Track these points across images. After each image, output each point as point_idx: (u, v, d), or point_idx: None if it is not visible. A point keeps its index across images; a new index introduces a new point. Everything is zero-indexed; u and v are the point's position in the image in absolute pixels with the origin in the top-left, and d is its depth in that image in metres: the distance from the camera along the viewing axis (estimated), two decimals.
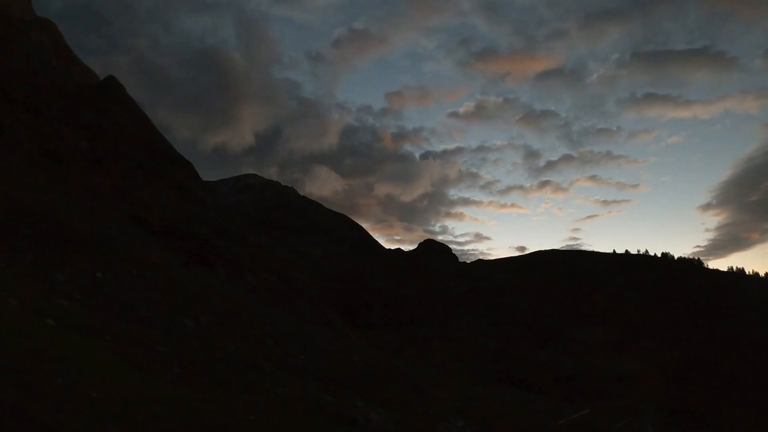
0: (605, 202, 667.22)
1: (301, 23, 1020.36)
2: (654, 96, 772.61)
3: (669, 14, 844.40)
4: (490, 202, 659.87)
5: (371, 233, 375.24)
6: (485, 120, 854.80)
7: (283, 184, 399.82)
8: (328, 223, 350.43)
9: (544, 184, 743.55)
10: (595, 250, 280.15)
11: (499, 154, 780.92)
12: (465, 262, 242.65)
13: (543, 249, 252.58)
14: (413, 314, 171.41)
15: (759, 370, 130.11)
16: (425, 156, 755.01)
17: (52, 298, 31.24)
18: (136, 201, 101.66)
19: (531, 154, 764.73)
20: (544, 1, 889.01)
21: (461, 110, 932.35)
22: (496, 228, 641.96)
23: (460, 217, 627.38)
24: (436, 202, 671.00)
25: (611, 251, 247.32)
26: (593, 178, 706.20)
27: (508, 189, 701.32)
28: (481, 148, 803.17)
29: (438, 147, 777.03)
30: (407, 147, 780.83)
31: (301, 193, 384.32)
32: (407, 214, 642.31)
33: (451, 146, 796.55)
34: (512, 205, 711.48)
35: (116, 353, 23.29)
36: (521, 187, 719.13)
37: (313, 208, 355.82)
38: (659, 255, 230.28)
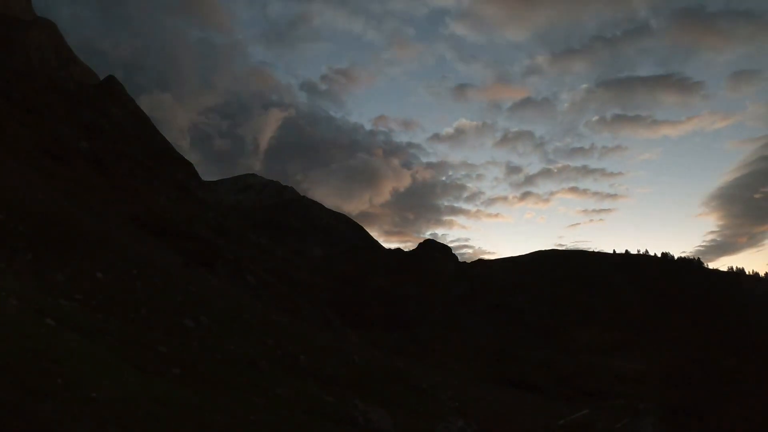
0: (585, 212, 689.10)
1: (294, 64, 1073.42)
2: (624, 117, 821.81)
3: (634, 47, 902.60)
4: (478, 211, 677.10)
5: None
6: (465, 141, 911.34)
7: (283, 183, 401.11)
8: (328, 223, 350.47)
9: (526, 195, 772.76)
10: (595, 250, 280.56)
11: (482, 170, 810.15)
12: (465, 262, 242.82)
13: (543, 249, 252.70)
14: (413, 314, 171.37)
15: (759, 370, 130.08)
16: (412, 168, 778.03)
17: (52, 298, 31.25)
18: (136, 201, 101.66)
19: (512, 170, 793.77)
20: (514, 42, 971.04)
21: (443, 133, 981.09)
22: (484, 234, 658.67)
23: (450, 224, 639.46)
24: (426, 211, 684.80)
25: (611, 251, 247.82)
26: (573, 189, 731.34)
27: (492, 200, 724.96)
28: (464, 164, 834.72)
29: (424, 161, 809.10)
30: (395, 161, 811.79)
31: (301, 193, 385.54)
32: (401, 221, 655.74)
33: (436, 160, 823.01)
34: (497, 215, 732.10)
35: (116, 353, 23.29)
36: (505, 198, 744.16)
37: (313, 208, 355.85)
38: (659, 255, 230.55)
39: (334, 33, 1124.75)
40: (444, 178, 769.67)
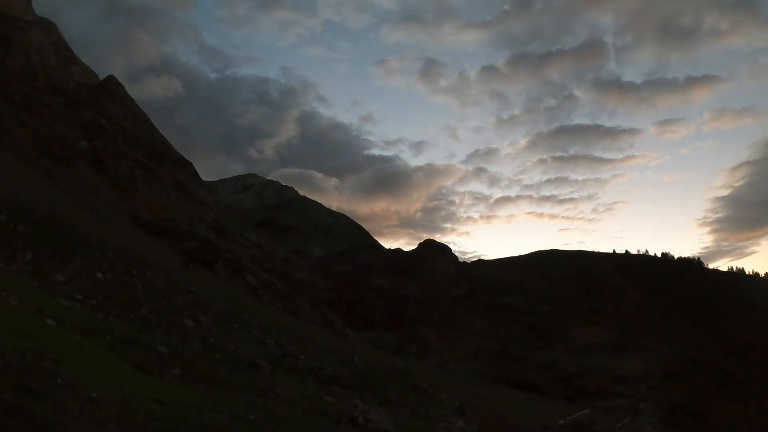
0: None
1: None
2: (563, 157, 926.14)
3: (564, 107, 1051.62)
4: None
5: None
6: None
7: (284, 183, 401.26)
8: (328, 223, 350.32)
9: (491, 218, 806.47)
10: (595, 250, 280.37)
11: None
12: (465, 262, 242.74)
13: (543, 249, 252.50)
14: (413, 314, 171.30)
15: (759, 370, 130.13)
16: None
17: (52, 298, 31.25)
18: (136, 201, 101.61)
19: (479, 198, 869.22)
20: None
21: None
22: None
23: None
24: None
25: (611, 251, 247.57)
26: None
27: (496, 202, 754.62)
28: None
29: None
30: None
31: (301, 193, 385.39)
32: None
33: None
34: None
35: (116, 353, 23.29)
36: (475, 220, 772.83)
37: (313, 208, 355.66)
38: (659, 255, 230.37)
39: None
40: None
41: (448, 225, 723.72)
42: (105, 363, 20.29)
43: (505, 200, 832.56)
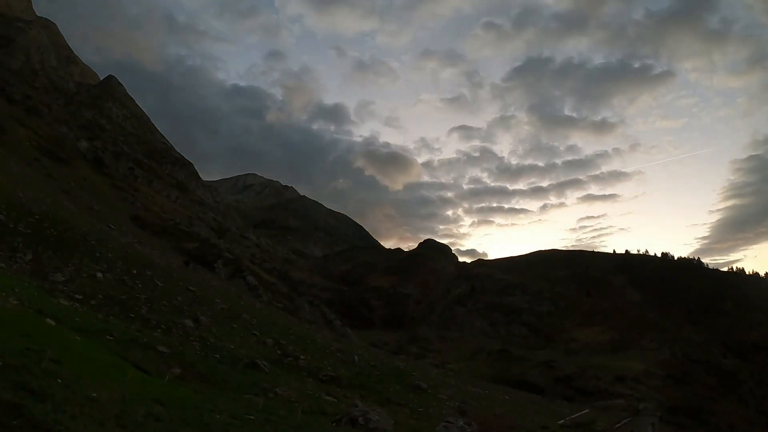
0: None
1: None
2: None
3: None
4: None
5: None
6: None
7: (284, 183, 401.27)
8: (328, 223, 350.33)
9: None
10: (595, 250, 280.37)
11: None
12: (465, 262, 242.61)
13: (543, 249, 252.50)
14: (413, 314, 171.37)
15: (759, 370, 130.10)
16: None
17: (52, 298, 31.27)
18: (136, 201, 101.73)
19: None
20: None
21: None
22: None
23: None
24: None
25: (611, 251, 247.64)
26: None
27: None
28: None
29: None
30: None
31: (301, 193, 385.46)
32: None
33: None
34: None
35: (116, 353, 23.30)
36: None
37: (313, 208, 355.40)
38: (659, 255, 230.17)
39: None
40: None
41: None
42: (105, 363, 20.29)
43: None
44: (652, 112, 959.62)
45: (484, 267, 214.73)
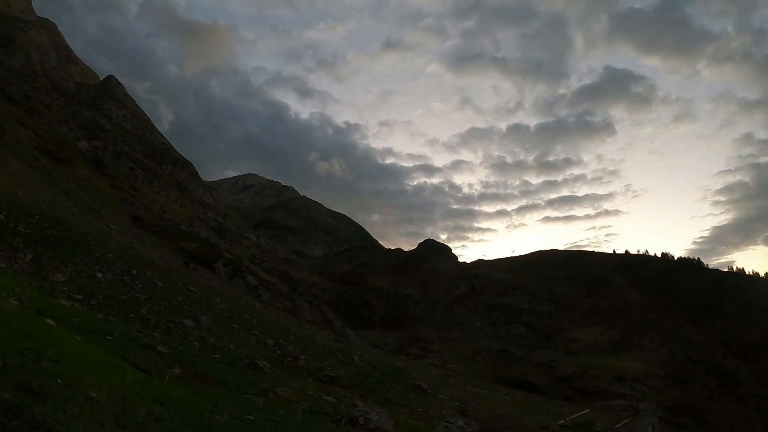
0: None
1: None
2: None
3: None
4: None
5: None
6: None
7: (284, 183, 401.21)
8: (328, 223, 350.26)
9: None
10: (596, 250, 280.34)
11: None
12: (465, 262, 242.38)
13: (543, 249, 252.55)
14: (413, 314, 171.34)
15: (759, 370, 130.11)
16: None
17: (52, 298, 31.27)
18: (136, 201, 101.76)
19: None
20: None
21: None
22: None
23: None
24: None
25: (611, 251, 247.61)
26: None
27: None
28: None
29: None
30: None
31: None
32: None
33: None
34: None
35: (116, 353, 23.30)
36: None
37: (313, 208, 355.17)
38: (659, 255, 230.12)
39: None
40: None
41: None
42: (105, 363, 20.29)
43: None
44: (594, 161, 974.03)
45: (484, 267, 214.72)
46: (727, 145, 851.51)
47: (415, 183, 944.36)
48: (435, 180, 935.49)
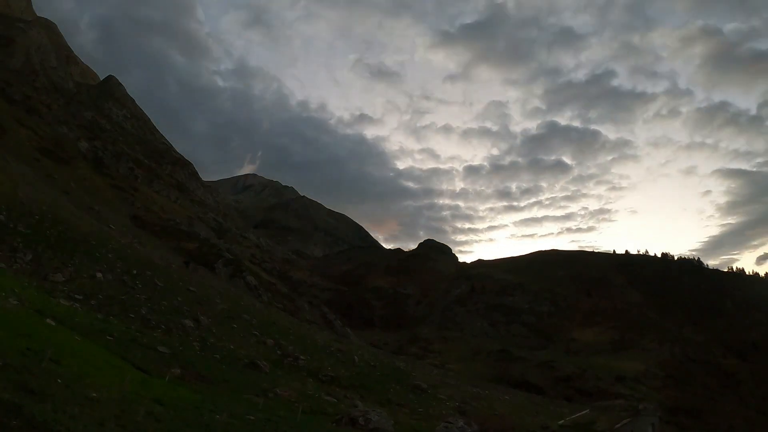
0: None
1: None
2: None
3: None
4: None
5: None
6: None
7: (284, 183, 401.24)
8: (328, 223, 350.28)
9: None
10: (596, 250, 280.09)
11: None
12: (465, 262, 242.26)
13: (543, 249, 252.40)
14: (413, 314, 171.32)
15: (759, 370, 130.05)
16: None
17: (52, 298, 31.27)
18: (136, 201, 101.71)
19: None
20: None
21: None
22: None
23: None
24: None
25: (611, 251, 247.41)
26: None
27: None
28: None
29: None
30: None
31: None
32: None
33: None
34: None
35: (116, 353, 23.30)
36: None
37: (313, 208, 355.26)
38: (659, 255, 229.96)
39: None
40: None
41: None
42: (105, 363, 20.29)
43: None
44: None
45: (484, 267, 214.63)
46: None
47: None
48: None
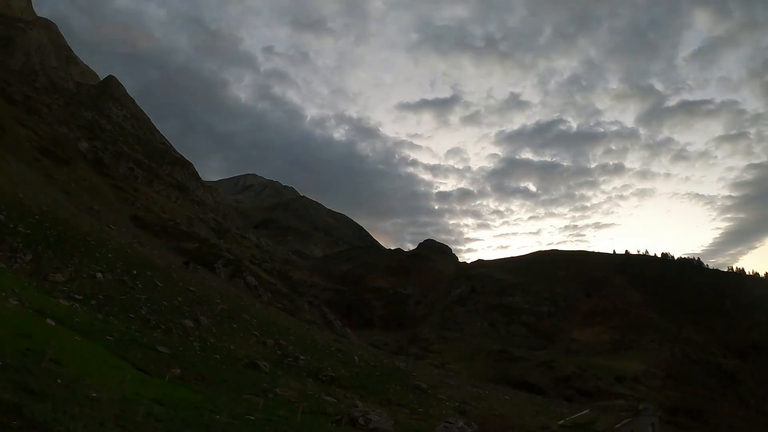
0: None
1: None
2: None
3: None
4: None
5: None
6: None
7: (283, 183, 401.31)
8: (328, 223, 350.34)
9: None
10: (596, 250, 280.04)
11: None
12: (465, 262, 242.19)
13: (542, 249, 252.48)
14: (413, 314, 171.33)
15: (759, 370, 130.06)
16: None
17: (52, 298, 31.27)
18: (136, 201, 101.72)
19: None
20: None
21: None
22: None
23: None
24: None
25: (611, 251, 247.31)
26: None
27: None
28: None
29: None
30: None
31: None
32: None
33: None
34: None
35: (116, 353, 23.29)
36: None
37: (313, 208, 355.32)
38: (659, 255, 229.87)
39: None
40: None
41: None
42: (105, 363, 20.29)
43: None
44: None
45: (484, 267, 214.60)
46: None
47: None
48: None
